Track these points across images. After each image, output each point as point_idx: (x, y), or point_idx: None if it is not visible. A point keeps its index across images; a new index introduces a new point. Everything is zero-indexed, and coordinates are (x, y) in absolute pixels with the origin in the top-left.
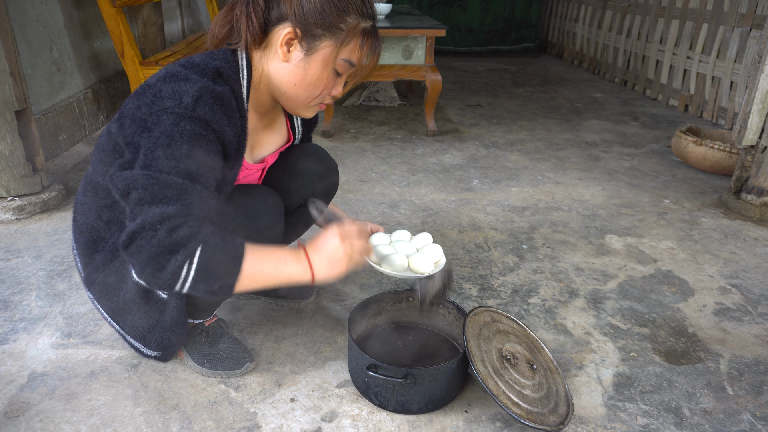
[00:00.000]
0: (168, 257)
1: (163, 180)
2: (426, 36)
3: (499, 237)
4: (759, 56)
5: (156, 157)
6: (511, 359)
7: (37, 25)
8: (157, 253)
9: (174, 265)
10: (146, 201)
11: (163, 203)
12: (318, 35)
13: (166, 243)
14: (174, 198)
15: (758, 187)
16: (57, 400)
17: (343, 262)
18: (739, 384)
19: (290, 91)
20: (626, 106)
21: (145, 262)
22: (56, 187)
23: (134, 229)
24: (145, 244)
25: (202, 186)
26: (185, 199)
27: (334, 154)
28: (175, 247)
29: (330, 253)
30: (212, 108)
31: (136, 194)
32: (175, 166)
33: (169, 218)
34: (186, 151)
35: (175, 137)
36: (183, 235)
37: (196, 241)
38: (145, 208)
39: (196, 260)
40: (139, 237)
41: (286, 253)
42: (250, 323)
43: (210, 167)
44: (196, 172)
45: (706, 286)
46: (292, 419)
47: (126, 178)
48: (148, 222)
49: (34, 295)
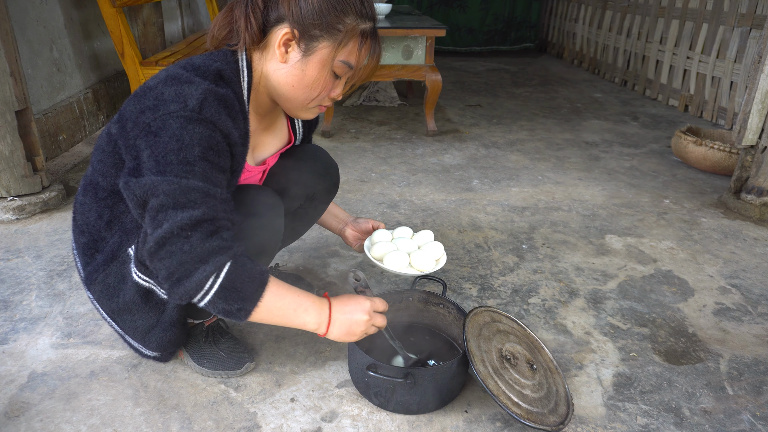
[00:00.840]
0: (197, 265)
1: (184, 185)
2: (426, 36)
3: (499, 237)
4: (759, 56)
5: (169, 162)
6: (511, 359)
7: (37, 25)
8: (188, 259)
9: (201, 275)
10: (169, 206)
11: (189, 208)
12: (316, 36)
13: (199, 250)
14: (198, 201)
15: (758, 187)
16: (57, 400)
17: (358, 335)
18: (739, 384)
19: (288, 93)
20: (626, 106)
21: (174, 267)
22: (56, 187)
23: (163, 234)
24: (177, 250)
25: (219, 189)
26: (209, 202)
27: (334, 154)
28: (206, 256)
29: (352, 324)
30: (217, 110)
31: (157, 201)
32: (191, 170)
33: (199, 223)
34: (198, 153)
35: (185, 141)
36: (216, 246)
37: (227, 255)
38: (170, 214)
39: (223, 274)
40: (169, 243)
41: (309, 301)
42: (250, 323)
43: (222, 168)
44: (212, 175)
45: (706, 286)
46: (292, 419)
47: (144, 185)
48: (177, 227)
49: (34, 295)
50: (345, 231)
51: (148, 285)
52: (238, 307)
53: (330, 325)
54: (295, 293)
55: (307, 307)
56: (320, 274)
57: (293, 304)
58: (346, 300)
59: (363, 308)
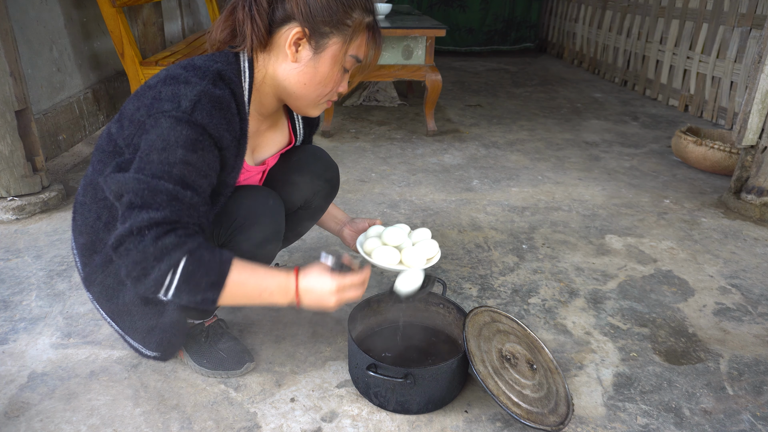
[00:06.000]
0: (153, 264)
1: (154, 185)
2: (426, 36)
3: (499, 237)
4: (759, 56)
5: (150, 160)
6: (511, 359)
7: (37, 25)
8: (142, 258)
9: (157, 273)
10: (137, 205)
11: (153, 209)
12: (326, 33)
13: (151, 250)
14: (163, 204)
15: (758, 187)
16: (57, 400)
17: (330, 308)
18: (739, 384)
19: (299, 91)
20: (626, 106)
21: (131, 266)
22: (56, 187)
23: (122, 232)
24: (132, 248)
25: (193, 192)
26: (174, 206)
27: (334, 154)
28: (160, 255)
29: (321, 301)
30: (210, 113)
31: (128, 198)
32: (168, 171)
33: (156, 224)
34: (181, 156)
35: (170, 141)
36: (168, 244)
37: (181, 252)
38: (135, 213)
39: (180, 270)
40: (127, 241)
41: (273, 284)
42: (250, 323)
43: (204, 174)
44: (189, 178)
45: (706, 286)
46: (292, 419)
47: (118, 181)
48: (136, 227)
49: (34, 295)
50: (343, 231)
51: None
52: (203, 298)
53: (300, 303)
54: (259, 277)
55: (271, 290)
56: None
57: (257, 289)
58: (313, 278)
59: (329, 288)
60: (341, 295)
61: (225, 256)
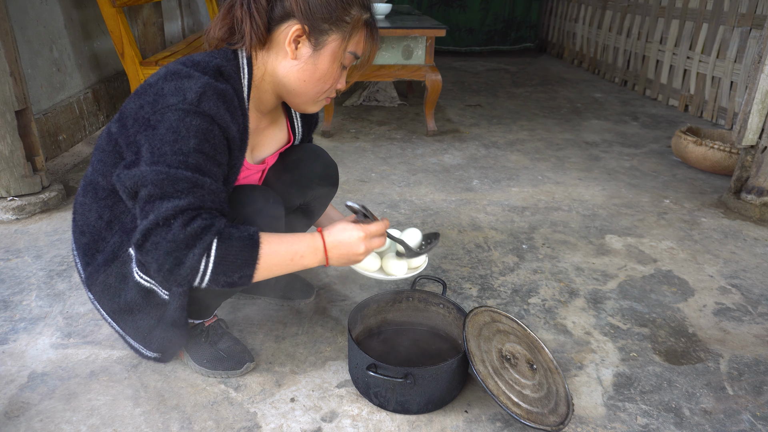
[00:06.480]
0: (185, 252)
1: (173, 174)
2: (426, 36)
3: (499, 237)
4: (759, 56)
5: (164, 153)
6: (511, 359)
7: (37, 25)
8: (174, 248)
9: (192, 260)
10: (157, 197)
11: (175, 197)
12: (325, 30)
13: (181, 237)
14: (185, 191)
15: (758, 187)
16: (57, 400)
17: (360, 258)
18: (739, 384)
19: (299, 88)
20: (626, 106)
21: (162, 258)
22: (56, 187)
23: (148, 226)
24: (161, 240)
25: (211, 179)
26: (196, 192)
27: (334, 154)
28: (191, 240)
29: (348, 247)
30: (216, 104)
31: (146, 191)
32: (184, 161)
33: (182, 211)
34: (194, 145)
35: (181, 132)
36: (197, 228)
37: (212, 233)
38: (156, 204)
39: (213, 252)
40: (154, 234)
41: (303, 246)
42: (250, 323)
43: (218, 162)
44: (205, 167)
45: (706, 286)
46: (292, 419)
47: (134, 176)
48: (162, 217)
49: (34, 295)
50: None
51: (150, 285)
52: (240, 275)
53: (328, 258)
54: (288, 243)
55: (302, 253)
56: (320, 274)
57: (289, 254)
58: (338, 231)
59: (357, 236)
60: (369, 243)
61: (251, 229)
